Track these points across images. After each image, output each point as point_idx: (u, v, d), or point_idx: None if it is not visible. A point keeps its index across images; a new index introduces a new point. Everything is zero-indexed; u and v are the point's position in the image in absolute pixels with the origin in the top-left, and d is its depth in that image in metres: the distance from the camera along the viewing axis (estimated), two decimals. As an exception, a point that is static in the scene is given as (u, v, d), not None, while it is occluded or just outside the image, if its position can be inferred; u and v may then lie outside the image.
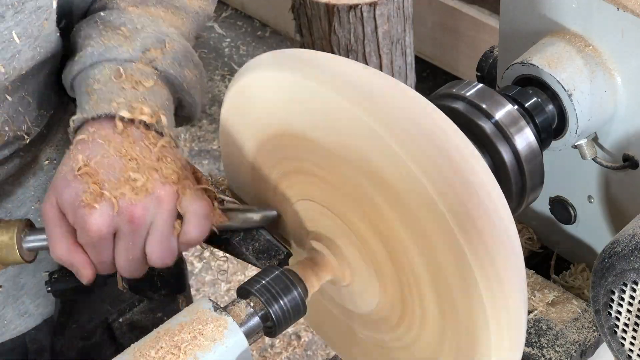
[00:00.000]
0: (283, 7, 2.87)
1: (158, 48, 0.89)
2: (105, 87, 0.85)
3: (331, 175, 0.76)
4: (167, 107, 0.87)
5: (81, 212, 0.78)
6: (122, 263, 0.81)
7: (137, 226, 0.78)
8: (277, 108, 0.77)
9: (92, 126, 0.82)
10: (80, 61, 0.88)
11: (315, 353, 2.37)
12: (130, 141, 0.81)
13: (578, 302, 0.95)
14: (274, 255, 0.84)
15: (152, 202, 0.78)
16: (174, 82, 0.90)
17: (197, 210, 0.80)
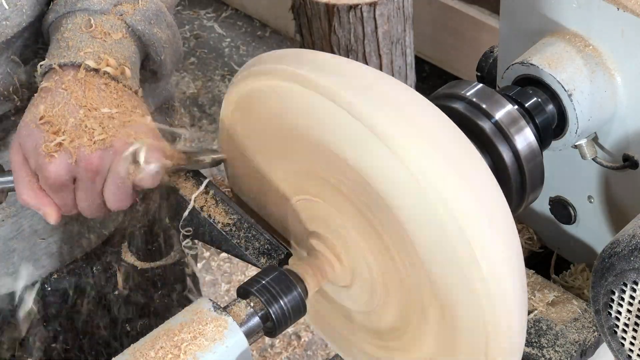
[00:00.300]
0: (283, 7, 2.87)
1: (130, 3, 0.91)
2: (75, 36, 0.88)
3: (331, 174, 0.76)
4: (132, 61, 0.90)
5: (41, 160, 0.81)
6: (83, 206, 0.85)
7: (94, 174, 0.82)
8: (278, 107, 0.77)
9: (58, 73, 0.86)
10: (55, 9, 0.91)
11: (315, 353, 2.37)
12: (92, 90, 0.84)
13: (578, 302, 0.95)
14: (274, 255, 0.84)
15: (108, 152, 0.82)
16: (141, 37, 0.92)
17: (151, 159, 0.83)
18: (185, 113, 3.13)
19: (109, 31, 0.89)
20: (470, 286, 0.68)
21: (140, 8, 0.91)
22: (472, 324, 0.71)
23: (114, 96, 0.85)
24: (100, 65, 0.86)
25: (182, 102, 3.17)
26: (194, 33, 3.51)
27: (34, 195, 0.84)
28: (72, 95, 0.83)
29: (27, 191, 0.84)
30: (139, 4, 0.92)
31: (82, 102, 0.83)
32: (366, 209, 0.74)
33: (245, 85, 0.80)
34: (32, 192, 0.84)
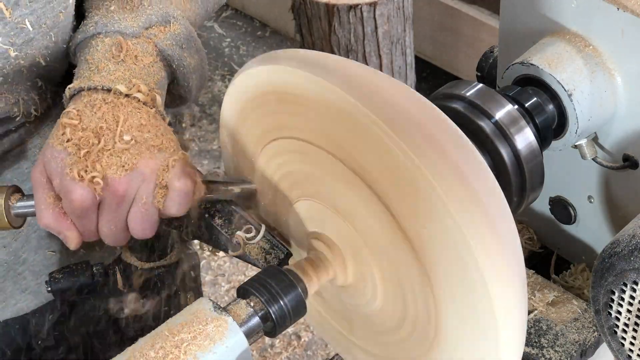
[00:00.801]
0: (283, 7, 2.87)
1: (161, 26, 0.90)
2: (105, 59, 0.86)
3: (330, 174, 0.76)
4: (162, 86, 0.88)
5: (66, 182, 0.79)
6: (106, 232, 0.83)
7: (121, 199, 0.80)
8: (277, 104, 0.77)
9: (87, 96, 0.83)
10: (84, 29, 0.89)
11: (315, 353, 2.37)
12: (122, 115, 0.82)
13: (578, 302, 0.95)
14: (273, 255, 0.84)
15: (137, 177, 0.80)
16: (171, 62, 0.90)
17: (181, 187, 0.81)
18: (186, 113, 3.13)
19: (139, 55, 0.87)
20: (470, 286, 0.68)
21: (171, 32, 0.89)
22: (472, 322, 0.71)
23: (143, 121, 0.82)
24: (131, 90, 0.84)
25: (182, 102, 3.17)
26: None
27: (56, 219, 0.82)
28: (101, 119, 0.81)
29: (48, 214, 0.82)
30: (170, 28, 0.90)
31: (111, 126, 0.81)
32: (366, 210, 0.74)
33: (245, 84, 0.80)
34: (54, 215, 0.82)
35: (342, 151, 0.72)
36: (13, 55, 0.85)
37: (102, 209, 0.81)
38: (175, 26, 0.91)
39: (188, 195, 0.82)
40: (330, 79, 0.70)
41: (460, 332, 0.73)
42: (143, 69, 0.86)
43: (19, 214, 0.86)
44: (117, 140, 0.80)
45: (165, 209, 0.82)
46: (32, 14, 0.84)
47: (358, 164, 0.72)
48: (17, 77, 0.89)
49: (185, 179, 0.81)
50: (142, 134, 0.81)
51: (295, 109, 0.75)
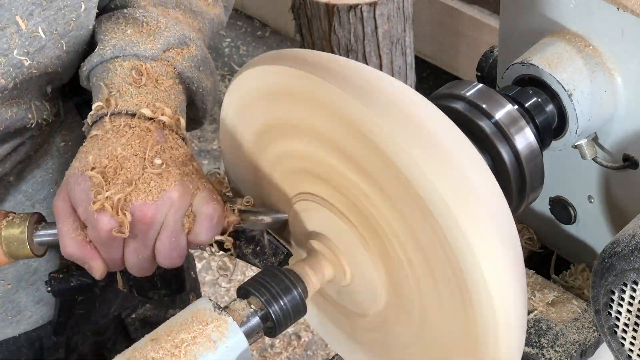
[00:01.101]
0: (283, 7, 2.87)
1: (179, 49, 0.88)
2: (125, 83, 0.84)
3: (330, 173, 0.76)
4: (182, 109, 0.87)
5: (92, 209, 0.77)
6: (132, 261, 0.81)
7: (148, 227, 0.78)
8: (278, 104, 0.77)
9: (110, 122, 0.82)
10: (101, 53, 0.87)
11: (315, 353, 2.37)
12: (147, 140, 0.80)
13: (578, 302, 0.95)
14: (274, 255, 0.84)
15: (164, 203, 0.78)
16: (190, 85, 0.89)
17: (209, 213, 0.80)
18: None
19: (159, 78, 0.85)
20: (470, 286, 0.68)
21: (189, 54, 0.88)
22: (472, 322, 0.71)
23: (170, 146, 0.81)
24: (156, 114, 0.82)
25: (182, 102, 3.17)
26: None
27: (80, 249, 0.80)
28: (126, 144, 0.79)
29: (72, 243, 0.80)
30: (187, 50, 0.89)
31: (138, 152, 0.79)
32: (367, 208, 0.74)
33: (244, 83, 0.80)
34: (78, 244, 0.80)
35: (342, 150, 0.73)
36: (27, 64, 0.84)
37: (128, 238, 0.79)
38: (192, 48, 0.90)
39: (217, 222, 0.80)
40: (330, 79, 0.70)
41: (461, 332, 0.73)
42: (164, 92, 0.85)
43: (42, 242, 0.85)
44: (146, 165, 0.78)
45: (194, 236, 0.80)
46: (44, 21, 0.83)
47: (358, 162, 0.72)
48: (28, 84, 0.88)
49: (213, 204, 0.80)
50: (170, 158, 0.80)
51: (295, 108, 0.75)
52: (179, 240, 0.80)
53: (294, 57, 0.74)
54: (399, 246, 0.73)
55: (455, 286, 0.70)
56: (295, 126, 0.76)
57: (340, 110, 0.69)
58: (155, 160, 0.79)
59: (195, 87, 0.90)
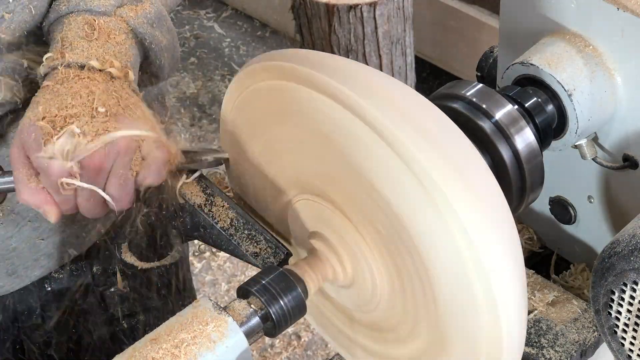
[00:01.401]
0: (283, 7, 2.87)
1: (132, 5, 0.91)
2: (78, 37, 0.87)
3: (331, 171, 0.76)
4: (134, 63, 0.90)
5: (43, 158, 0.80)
6: (84, 205, 0.84)
7: (97, 173, 0.81)
8: (278, 105, 0.77)
9: (61, 73, 0.85)
10: (56, 9, 0.90)
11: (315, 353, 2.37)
12: (96, 90, 0.83)
13: (578, 302, 0.95)
14: (274, 255, 0.84)
15: (112, 150, 0.81)
16: (143, 40, 0.91)
17: (156, 156, 0.83)
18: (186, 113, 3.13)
19: (111, 33, 0.88)
20: (470, 286, 0.68)
21: (142, 11, 0.91)
22: (472, 322, 0.71)
23: (117, 96, 0.84)
24: (104, 65, 0.85)
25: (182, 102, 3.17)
26: (194, 33, 3.51)
27: (34, 194, 0.83)
28: (75, 94, 0.83)
29: (27, 190, 0.83)
30: (141, 7, 0.91)
31: (85, 101, 0.83)
32: (366, 208, 0.74)
33: (245, 82, 0.80)
34: (33, 190, 0.83)
35: (342, 149, 0.72)
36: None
37: None
38: (146, 5, 0.92)
39: (163, 164, 0.83)
40: (330, 77, 0.70)
41: (461, 332, 0.73)
42: (116, 46, 0.88)
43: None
44: (94, 114, 0.81)
45: (142, 179, 0.83)
46: None
47: (358, 161, 0.72)
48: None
49: (160, 148, 0.83)
50: (116, 107, 0.83)
51: (295, 107, 0.75)
52: (127, 184, 0.83)
53: (295, 57, 0.74)
54: (399, 247, 0.73)
55: (457, 286, 0.70)
56: (296, 124, 0.76)
57: (340, 109, 0.69)
58: (100, 109, 0.82)
59: (148, 43, 0.92)
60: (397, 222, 0.71)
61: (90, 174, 0.82)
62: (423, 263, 0.72)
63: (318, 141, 0.75)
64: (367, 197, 0.73)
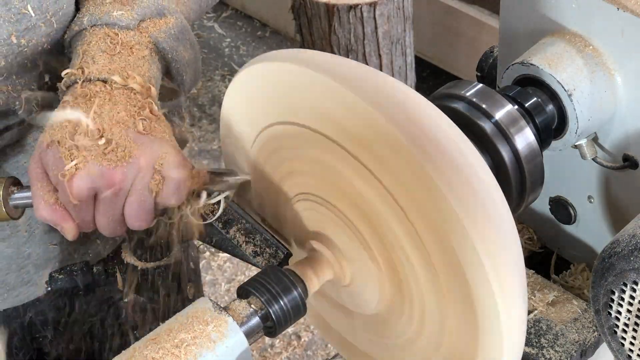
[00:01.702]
0: (283, 7, 2.87)
1: (156, 20, 0.90)
2: (100, 50, 0.86)
3: (332, 177, 0.76)
4: (156, 78, 0.88)
5: (62, 174, 0.79)
6: (102, 223, 0.83)
7: (117, 190, 0.80)
8: (279, 100, 0.77)
9: (82, 88, 0.83)
10: (79, 21, 0.89)
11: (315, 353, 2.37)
12: (117, 106, 0.82)
13: (578, 302, 0.95)
14: (274, 255, 0.84)
15: (132, 168, 0.80)
16: (166, 56, 0.90)
17: (176, 176, 0.81)
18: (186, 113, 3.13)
19: (134, 47, 0.87)
20: (472, 286, 0.68)
21: (166, 25, 0.90)
22: (471, 321, 0.71)
23: (139, 113, 0.82)
24: (127, 81, 0.84)
25: (182, 102, 3.17)
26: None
27: (52, 211, 0.82)
28: (96, 110, 0.81)
29: (45, 206, 0.82)
30: (164, 21, 0.90)
31: (106, 118, 0.81)
32: (367, 209, 0.74)
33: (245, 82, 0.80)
34: (50, 207, 0.82)
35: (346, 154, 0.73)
36: (16, 42, 0.85)
37: (98, 200, 0.81)
38: (170, 19, 0.91)
39: (184, 185, 0.82)
40: (329, 76, 0.70)
41: (462, 332, 0.73)
42: (138, 60, 0.86)
43: (17, 205, 0.87)
44: (112, 131, 0.80)
45: (162, 199, 0.82)
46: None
47: (360, 166, 0.72)
48: (22, 69, 0.89)
49: (180, 168, 0.81)
50: (137, 124, 0.81)
51: (295, 106, 0.75)
52: (146, 203, 0.81)
53: (295, 56, 0.74)
54: (399, 246, 0.73)
55: (456, 286, 0.70)
56: (296, 122, 0.76)
57: (340, 108, 0.69)
58: (118, 128, 0.81)
59: (171, 58, 0.91)
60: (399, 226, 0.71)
61: (109, 191, 0.80)
62: (422, 265, 0.72)
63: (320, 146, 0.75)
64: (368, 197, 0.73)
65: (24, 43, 0.86)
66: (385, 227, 0.73)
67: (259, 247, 0.84)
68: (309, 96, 0.73)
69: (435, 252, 0.70)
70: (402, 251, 0.73)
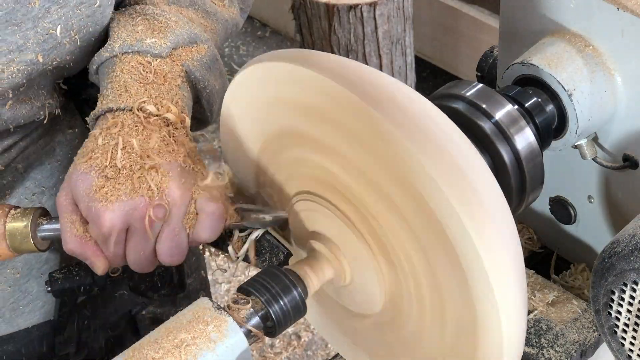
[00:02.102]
0: (283, 7, 2.87)
1: (188, 48, 0.88)
2: (132, 79, 0.84)
3: (333, 178, 0.76)
4: (189, 108, 0.87)
5: (94, 206, 0.77)
6: (133, 258, 0.81)
7: (150, 225, 0.78)
8: (279, 104, 0.77)
9: (115, 117, 0.82)
10: (110, 48, 0.87)
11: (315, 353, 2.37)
12: (151, 137, 0.80)
13: (578, 302, 0.95)
14: (274, 255, 0.84)
15: (166, 202, 0.78)
16: (197, 84, 0.89)
17: (211, 212, 0.80)
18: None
19: (167, 76, 0.85)
20: (472, 286, 0.68)
21: (198, 54, 0.88)
22: (470, 322, 0.71)
23: (173, 144, 0.81)
24: (161, 111, 0.82)
25: (182, 102, 3.17)
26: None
27: (81, 245, 0.80)
28: (130, 139, 0.79)
29: (74, 239, 0.80)
30: (197, 50, 0.88)
31: (140, 149, 0.79)
32: (367, 209, 0.74)
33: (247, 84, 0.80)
34: (80, 240, 0.80)
35: (342, 147, 0.73)
36: (42, 61, 0.83)
37: (130, 235, 0.79)
38: (202, 48, 0.89)
39: (219, 221, 0.80)
40: (329, 75, 0.70)
41: (462, 332, 0.73)
42: (171, 90, 0.84)
43: (45, 237, 0.85)
44: (145, 164, 0.78)
45: (195, 235, 0.80)
46: (60, 19, 0.82)
47: (360, 167, 0.72)
48: (43, 80, 0.88)
49: (215, 203, 0.80)
50: (172, 156, 0.80)
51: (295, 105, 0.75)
52: (179, 238, 0.80)
53: (295, 55, 0.74)
54: (399, 246, 0.73)
55: (457, 286, 0.70)
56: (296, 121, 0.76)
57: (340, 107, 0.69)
58: (156, 158, 0.79)
59: (202, 87, 0.89)
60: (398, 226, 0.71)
61: (143, 227, 0.78)
62: (422, 265, 0.72)
63: (316, 137, 0.75)
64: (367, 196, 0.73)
65: (48, 62, 0.84)
66: (387, 229, 0.73)
67: (259, 247, 0.84)
68: (305, 94, 0.73)
69: (435, 253, 0.70)
70: (403, 252, 0.73)
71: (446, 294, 0.72)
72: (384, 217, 0.73)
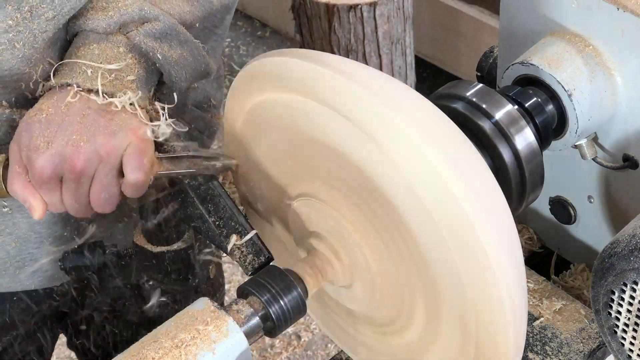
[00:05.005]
0: (283, 7, 2.87)
1: (136, 22, 0.92)
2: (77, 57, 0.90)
3: (331, 174, 0.76)
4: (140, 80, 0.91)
5: (30, 154, 0.84)
6: (69, 205, 0.88)
7: (79, 175, 0.85)
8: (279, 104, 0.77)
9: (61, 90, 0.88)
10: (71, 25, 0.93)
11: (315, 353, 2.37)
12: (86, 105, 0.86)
13: (585, 312, 0.95)
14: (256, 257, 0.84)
15: (94, 156, 0.84)
16: (148, 56, 0.92)
17: (134, 151, 0.85)
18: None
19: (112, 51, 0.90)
20: (468, 284, 0.68)
21: (146, 27, 0.92)
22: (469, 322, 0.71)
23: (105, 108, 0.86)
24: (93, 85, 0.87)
25: (182, 102, 3.17)
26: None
27: (22, 187, 0.86)
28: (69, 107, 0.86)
29: (16, 182, 0.86)
30: (145, 23, 0.92)
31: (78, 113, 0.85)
32: (366, 208, 0.74)
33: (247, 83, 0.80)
34: (21, 183, 0.86)
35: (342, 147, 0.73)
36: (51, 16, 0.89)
37: (63, 183, 0.86)
38: (152, 21, 0.92)
39: (142, 155, 0.85)
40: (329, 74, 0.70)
41: (464, 332, 0.73)
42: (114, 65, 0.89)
43: None
44: (80, 122, 0.84)
45: (124, 190, 0.86)
46: None
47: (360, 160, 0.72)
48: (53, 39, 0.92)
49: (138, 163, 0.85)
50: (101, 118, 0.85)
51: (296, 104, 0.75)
52: (110, 190, 0.86)
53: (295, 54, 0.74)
54: (399, 246, 0.73)
55: (458, 286, 0.70)
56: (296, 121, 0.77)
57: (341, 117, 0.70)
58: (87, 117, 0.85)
59: (152, 57, 0.93)
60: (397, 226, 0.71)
61: (71, 176, 0.84)
62: (420, 263, 0.72)
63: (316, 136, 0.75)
64: (367, 196, 0.73)
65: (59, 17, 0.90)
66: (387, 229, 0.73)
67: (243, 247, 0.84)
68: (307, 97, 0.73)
69: (431, 251, 0.70)
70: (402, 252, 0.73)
71: (443, 291, 0.72)
72: (385, 219, 0.73)
